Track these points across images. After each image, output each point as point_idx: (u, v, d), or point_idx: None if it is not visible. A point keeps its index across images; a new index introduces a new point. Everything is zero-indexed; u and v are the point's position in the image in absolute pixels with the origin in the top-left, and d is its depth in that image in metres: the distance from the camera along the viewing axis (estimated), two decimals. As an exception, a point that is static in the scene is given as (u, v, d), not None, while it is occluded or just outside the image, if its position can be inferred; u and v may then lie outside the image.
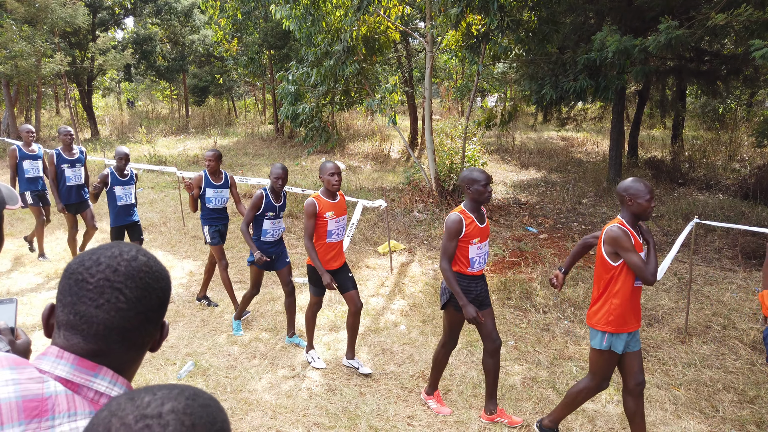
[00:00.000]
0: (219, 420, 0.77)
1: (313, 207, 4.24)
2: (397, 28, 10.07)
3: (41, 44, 14.75)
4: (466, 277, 3.71)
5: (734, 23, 6.15)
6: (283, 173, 4.73)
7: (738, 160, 13.91)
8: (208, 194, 5.46)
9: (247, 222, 4.75)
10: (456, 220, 3.57)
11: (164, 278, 1.07)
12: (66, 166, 6.56)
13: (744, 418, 3.96)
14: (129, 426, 0.70)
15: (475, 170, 3.63)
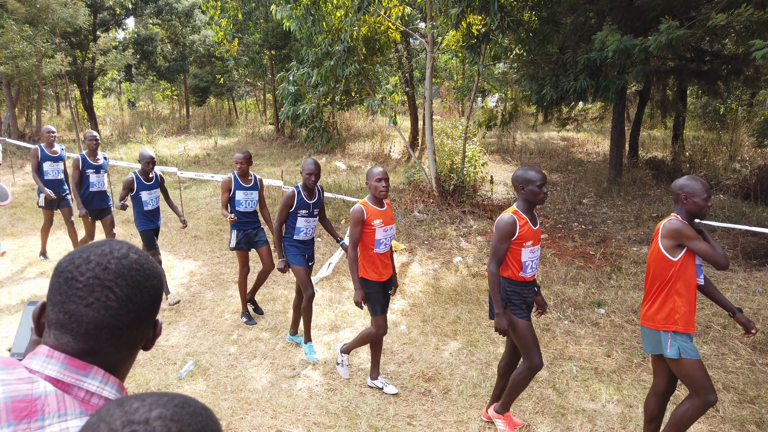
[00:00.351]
0: (209, 429, 0.77)
1: (361, 213, 3.96)
2: (398, 29, 10.07)
3: (42, 44, 14.75)
4: (518, 283, 3.49)
5: (735, 23, 6.14)
6: (316, 169, 4.52)
7: (739, 161, 13.91)
8: (239, 197, 5.28)
9: (281, 221, 4.62)
10: (509, 221, 3.36)
11: (155, 276, 1.05)
12: (91, 172, 6.38)
13: (744, 417, 3.96)
14: (115, 431, 0.71)
15: (530, 169, 3.40)
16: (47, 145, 6.77)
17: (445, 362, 4.77)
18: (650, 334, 3.22)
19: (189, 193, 11.41)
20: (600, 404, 4.13)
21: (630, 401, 4.16)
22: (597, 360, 4.81)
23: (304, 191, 4.63)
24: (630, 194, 10.86)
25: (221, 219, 9.26)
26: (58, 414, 0.92)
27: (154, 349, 4.93)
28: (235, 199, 5.29)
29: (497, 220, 3.43)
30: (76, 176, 6.30)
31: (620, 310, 5.78)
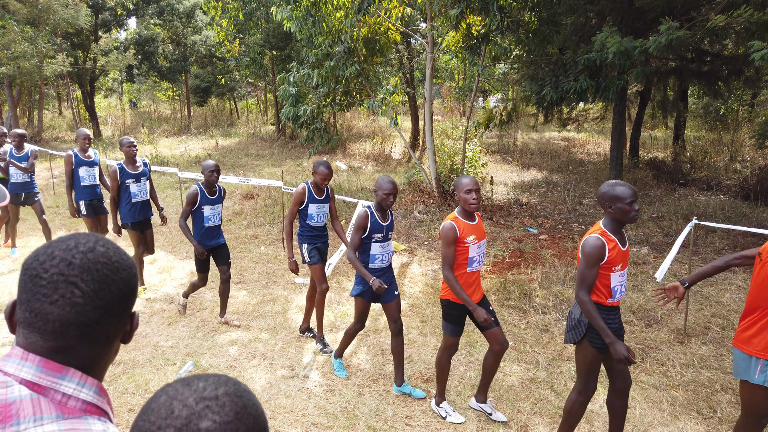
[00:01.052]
0: (259, 405, 0.85)
1: (453, 231, 3.59)
2: (398, 29, 10.09)
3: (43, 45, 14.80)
4: (604, 309, 3.21)
5: (734, 24, 6.15)
6: (394, 188, 3.99)
7: (739, 161, 13.90)
8: (311, 210, 4.84)
9: (354, 247, 4.05)
10: (598, 245, 3.06)
11: (125, 268, 1.03)
12: (130, 181, 5.86)
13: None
14: (191, 407, 0.77)
15: (617, 185, 3.09)
16: (81, 150, 6.37)
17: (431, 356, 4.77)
18: (742, 358, 2.99)
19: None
20: (598, 405, 4.14)
21: (628, 402, 4.16)
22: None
23: (377, 212, 4.07)
24: (630, 195, 10.85)
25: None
26: (34, 418, 0.90)
27: (153, 349, 4.95)
28: (307, 212, 4.85)
29: (583, 242, 3.14)
30: (114, 188, 5.82)
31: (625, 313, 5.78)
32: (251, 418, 0.80)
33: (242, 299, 6.15)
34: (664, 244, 7.88)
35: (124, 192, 5.87)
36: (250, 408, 0.81)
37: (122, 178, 5.85)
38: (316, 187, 4.87)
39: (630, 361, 3.02)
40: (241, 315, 5.74)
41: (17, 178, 7.02)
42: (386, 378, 4.52)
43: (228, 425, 0.76)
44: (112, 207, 5.93)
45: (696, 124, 20.39)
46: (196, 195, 5.16)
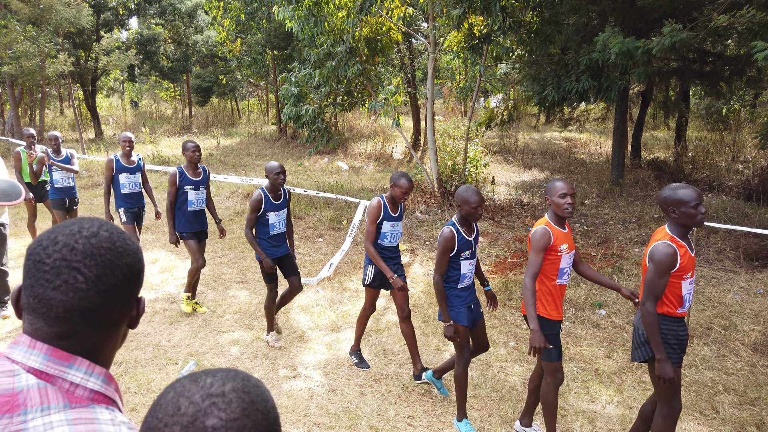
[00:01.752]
0: (270, 399, 0.83)
1: (547, 238, 3.27)
2: (400, 29, 10.09)
3: (45, 45, 14.81)
4: (674, 320, 3.04)
5: (737, 25, 6.14)
6: (482, 200, 3.60)
7: (741, 162, 13.88)
8: (385, 228, 4.39)
9: (441, 274, 3.66)
10: (670, 252, 2.91)
11: (130, 253, 1.02)
12: (190, 188, 5.43)
13: (744, 419, 3.96)
14: (197, 404, 0.76)
15: (680, 188, 2.95)
16: (123, 155, 5.97)
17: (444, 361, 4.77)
18: None
19: (191, 193, 11.42)
20: (600, 405, 4.14)
21: (630, 403, 4.16)
22: (597, 361, 4.82)
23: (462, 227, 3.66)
24: (632, 195, 10.85)
25: (222, 219, 9.27)
26: (41, 408, 0.90)
27: (155, 348, 4.95)
28: (381, 231, 4.37)
29: (652, 249, 2.98)
30: (172, 194, 5.36)
31: (621, 311, 5.78)
32: (259, 414, 0.78)
33: (244, 299, 6.15)
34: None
35: (179, 199, 5.41)
36: (259, 403, 0.79)
37: (181, 183, 5.40)
38: (392, 202, 4.36)
39: (673, 384, 2.98)
40: (242, 315, 5.74)
41: (63, 183, 6.78)
42: (388, 378, 4.52)
43: (234, 422, 0.75)
44: (170, 216, 5.39)
45: (697, 124, 20.37)
46: (260, 201, 4.69)
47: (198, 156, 5.44)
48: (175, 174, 5.38)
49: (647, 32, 9.76)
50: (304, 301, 6.09)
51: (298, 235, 8.66)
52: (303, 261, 7.45)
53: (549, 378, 3.43)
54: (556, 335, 3.37)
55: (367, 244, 4.36)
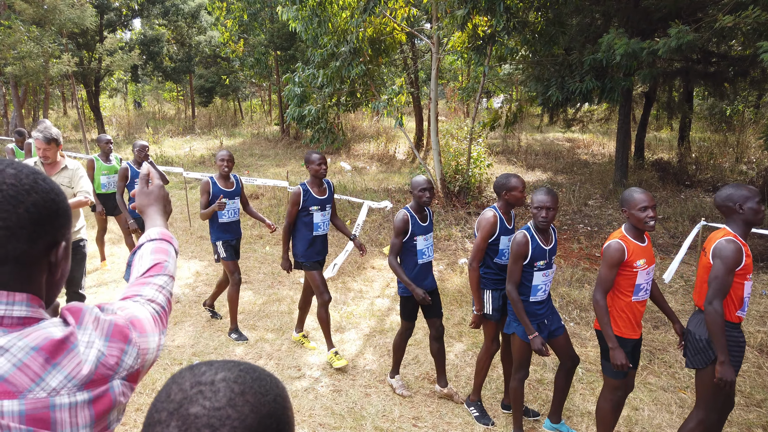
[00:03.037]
0: (272, 392, 0.80)
1: (621, 253, 3.04)
2: (403, 30, 10.08)
3: (49, 45, 14.84)
4: (733, 326, 2.98)
5: (742, 25, 6.13)
6: (554, 201, 3.33)
7: (745, 163, 13.85)
8: (420, 245, 3.98)
9: (515, 282, 3.40)
10: (737, 249, 2.83)
11: (39, 192, 0.99)
12: (315, 209, 4.82)
13: (751, 421, 3.94)
14: (185, 390, 0.77)
15: (742, 186, 2.91)
16: (220, 177, 5.14)
17: (450, 364, 4.77)
18: None
19: (194, 193, 11.44)
20: (606, 407, 4.12)
21: (636, 404, 4.15)
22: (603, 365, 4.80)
23: (537, 233, 3.43)
24: (636, 196, 10.82)
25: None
26: None
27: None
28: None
29: (717, 246, 2.90)
30: (292, 215, 4.62)
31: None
32: (248, 405, 0.76)
33: (248, 299, 6.15)
34: (670, 245, 7.86)
35: (301, 221, 4.64)
36: (250, 395, 0.77)
37: (214, 192, 4.99)
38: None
39: (731, 386, 2.89)
40: (246, 315, 5.74)
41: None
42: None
43: (217, 412, 0.74)
44: (285, 238, 4.70)
45: (701, 125, 20.33)
46: (406, 222, 3.91)
47: (324, 170, 4.53)
48: (298, 193, 4.52)
49: (651, 33, 9.74)
50: (308, 302, 6.09)
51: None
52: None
53: (608, 394, 3.29)
54: (627, 353, 3.17)
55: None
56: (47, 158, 4.14)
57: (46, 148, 4.11)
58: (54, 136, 4.13)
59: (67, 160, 4.31)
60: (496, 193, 3.72)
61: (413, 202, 3.96)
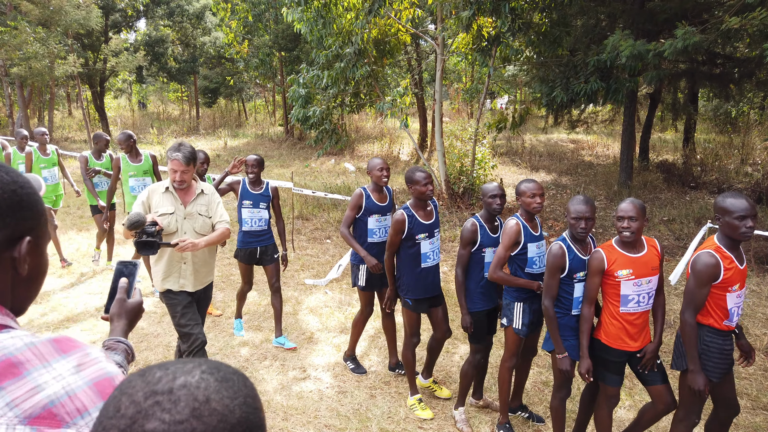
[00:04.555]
0: (240, 394, 0.69)
1: (714, 268, 2.85)
2: (408, 31, 10.09)
3: (55, 46, 14.91)
4: (719, 333, 2.93)
5: (748, 27, 6.11)
6: (592, 210, 3.19)
7: (750, 164, 13.80)
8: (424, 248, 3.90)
9: (552, 297, 3.27)
10: (711, 263, 2.80)
11: None
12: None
13: (758, 424, 3.93)
14: (138, 404, 0.65)
15: (731, 196, 2.80)
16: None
17: (455, 365, 4.76)
18: None
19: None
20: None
21: (641, 407, 4.13)
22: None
23: (573, 244, 3.26)
24: (640, 197, 10.80)
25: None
26: None
27: (165, 349, 4.96)
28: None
29: (694, 259, 2.89)
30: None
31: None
32: (215, 415, 0.65)
33: (252, 300, 6.15)
34: (675, 247, 7.83)
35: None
36: (217, 402, 0.66)
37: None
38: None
39: (701, 396, 2.89)
40: (251, 316, 5.74)
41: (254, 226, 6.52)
42: (398, 380, 4.51)
43: (180, 426, 0.63)
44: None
45: (705, 126, 20.27)
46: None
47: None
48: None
49: (656, 34, 9.72)
50: (312, 303, 6.09)
51: (305, 236, 8.66)
52: (311, 262, 7.45)
53: (604, 402, 3.27)
54: (615, 363, 3.16)
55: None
56: (183, 182, 3.50)
57: (184, 170, 3.46)
58: (194, 156, 3.49)
59: (200, 183, 3.68)
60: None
61: (483, 211, 3.73)
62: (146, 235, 3.07)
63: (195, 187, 3.67)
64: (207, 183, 3.79)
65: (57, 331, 5.31)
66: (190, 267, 3.67)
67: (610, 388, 3.20)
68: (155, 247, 3.10)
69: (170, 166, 3.46)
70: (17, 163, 6.96)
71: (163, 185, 3.60)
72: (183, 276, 3.66)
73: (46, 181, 6.76)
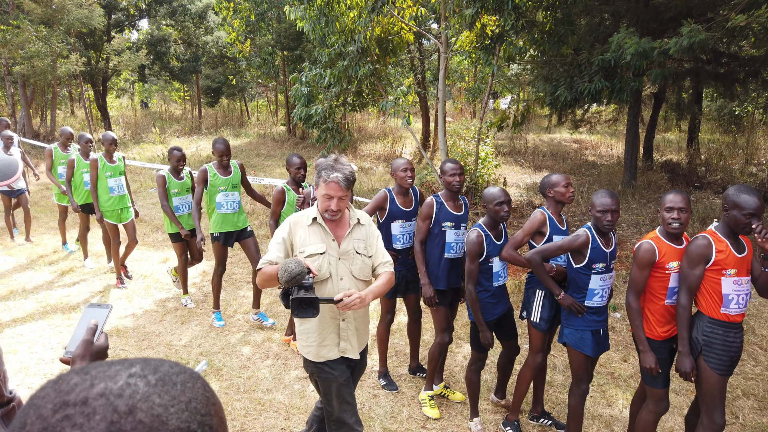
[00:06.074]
0: (183, 399, 0.58)
1: (652, 252, 3.00)
2: (411, 29, 10.04)
3: (57, 45, 14.89)
4: (720, 324, 2.88)
5: (754, 24, 6.05)
6: (617, 203, 3.18)
7: (755, 164, 13.73)
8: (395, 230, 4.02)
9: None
10: (703, 244, 2.84)
11: None
12: (449, 226, 4.03)
13: (764, 425, 3.88)
14: (45, 419, 0.54)
15: (743, 191, 2.78)
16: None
17: (459, 365, 4.72)
18: None
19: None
20: (617, 410, 4.07)
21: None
22: (613, 365, 4.74)
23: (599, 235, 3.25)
24: (645, 197, 10.74)
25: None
26: None
27: (166, 348, 4.92)
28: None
29: (689, 243, 2.94)
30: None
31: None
32: (141, 429, 0.54)
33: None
34: (680, 247, 7.77)
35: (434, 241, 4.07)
36: (143, 413, 0.55)
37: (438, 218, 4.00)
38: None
39: (687, 377, 2.90)
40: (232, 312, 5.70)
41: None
42: (401, 380, 4.47)
43: None
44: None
45: (709, 126, 20.19)
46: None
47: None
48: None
49: (661, 33, 9.66)
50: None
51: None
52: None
53: (651, 405, 3.18)
54: (662, 359, 3.09)
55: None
56: (337, 211, 2.64)
57: (343, 196, 2.62)
58: (354, 176, 2.67)
59: (355, 211, 2.85)
60: (542, 193, 3.63)
61: (486, 218, 3.59)
62: (303, 289, 2.31)
63: (348, 217, 2.82)
64: (360, 211, 2.91)
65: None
66: (351, 325, 2.81)
67: (658, 391, 3.12)
68: (317, 306, 2.33)
69: (323, 191, 2.61)
70: (81, 171, 6.63)
71: (308, 215, 2.74)
72: (344, 338, 2.80)
73: (112, 192, 6.19)
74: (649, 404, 3.18)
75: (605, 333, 3.35)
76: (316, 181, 2.65)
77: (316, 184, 2.66)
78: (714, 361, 2.87)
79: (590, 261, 3.18)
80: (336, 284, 2.68)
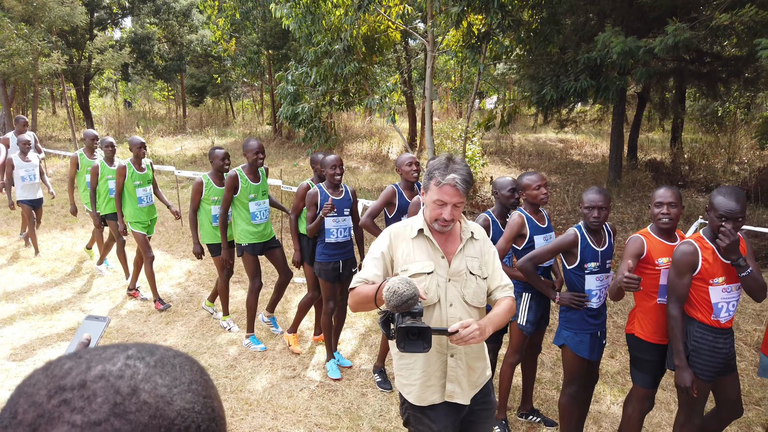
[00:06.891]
0: (184, 380, 0.56)
1: (640, 244, 2.97)
2: (398, 28, 10.03)
3: (38, 43, 14.65)
4: (710, 330, 2.84)
5: (737, 24, 6.12)
6: (606, 200, 3.10)
7: (737, 163, 13.92)
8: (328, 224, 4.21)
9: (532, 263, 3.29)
10: (689, 251, 2.77)
11: None
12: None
13: (750, 419, 3.91)
14: (40, 405, 0.50)
15: (721, 193, 2.72)
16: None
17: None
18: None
19: (186, 192, 11.33)
20: (605, 406, 4.08)
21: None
22: (601, 362, 4.75)
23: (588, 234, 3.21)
24: (630, 196, 10.83)
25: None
26: None
27: (151, 349, 4.84)
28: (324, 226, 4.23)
29: (675, 249, 2.86)
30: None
31: (623, 311, 5.74)
32: (147, 410, 0.51)
33: (242, 298, 6.05)
34: (665, 244, 7.84)
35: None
36: (147, 393, 0.52)
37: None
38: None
39: (687, 391, 2.83)
40: (240, 315, 5.64)
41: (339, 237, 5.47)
42: (390, 378, 4.44)
43: (96, 428, 0.48)
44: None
45: (692, 126, 20.43)
46: (393, 194, 4.08)
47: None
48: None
49: (646, 32, 9.74)
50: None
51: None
52: (300, 260, 7.36)
53: (635, 402, 3.18)
54: (651, 362, 3.09)
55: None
56: (450, 221, 2.16)
57: (458, 202, 2.14)
58: (473, 178, 2.21)
59: (468, 222, 2.34)
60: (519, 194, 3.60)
61: (496, 206, 3.67)
62: (410, 316, 1.86)
63: (459, 229, 2.31)
64: (474, 223, 2.39)
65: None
66: (462, 362, 2.25)
67: (644, 390, 3.13)
68: (428, 338, 1.86)
69: (435, 196, 2.14)
70: (106, 178, 5.94)
71: (413, 226, 2.27)
72: (451, 378, 2.24)
73: (141, 202, 5.61)
74: (633, 401, 3.19)
75: (603, 335, 3.30)
76: (426, 183, 2.18)
77: (425, 188, 2.19)
78: (699, 367, 2.85)
79: (582, 261, 3.13)
80: (444, 311, 2.18)
